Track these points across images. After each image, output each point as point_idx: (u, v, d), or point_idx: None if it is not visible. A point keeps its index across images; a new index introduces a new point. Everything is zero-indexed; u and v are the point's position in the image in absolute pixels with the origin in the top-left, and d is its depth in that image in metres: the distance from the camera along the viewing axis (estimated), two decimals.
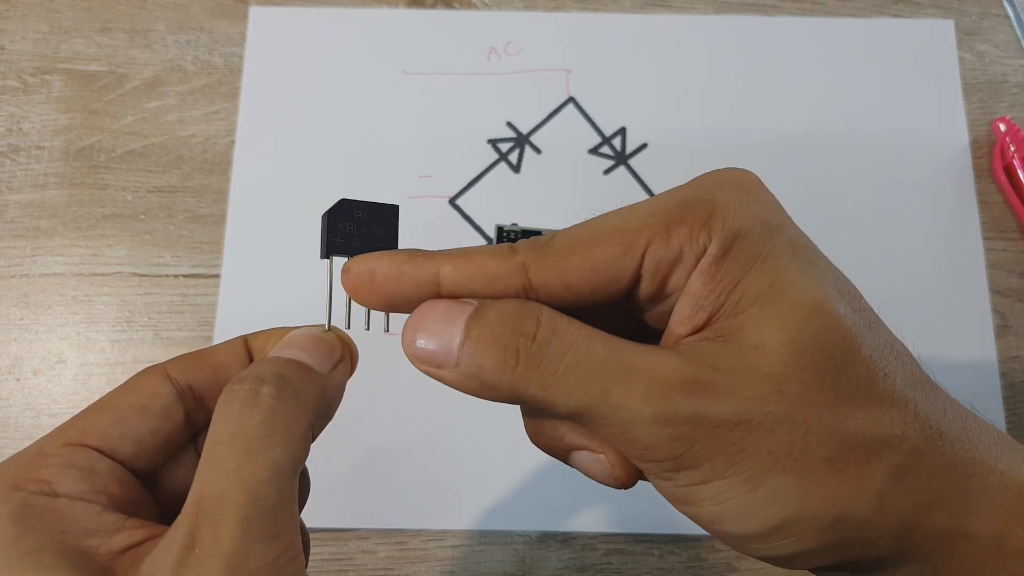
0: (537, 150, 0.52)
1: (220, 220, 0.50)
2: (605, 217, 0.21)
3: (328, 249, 0.23)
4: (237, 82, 0.53)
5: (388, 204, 0.24)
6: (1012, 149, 0.51)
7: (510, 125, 0.53)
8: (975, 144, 0.53)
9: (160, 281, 0.49)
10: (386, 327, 0.24)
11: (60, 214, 0.51)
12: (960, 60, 0.54)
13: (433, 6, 0.55)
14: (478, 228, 0.51)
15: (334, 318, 0.25)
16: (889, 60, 0.54)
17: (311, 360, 0.23)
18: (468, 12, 0.55)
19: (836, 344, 0.20)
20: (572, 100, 0.53)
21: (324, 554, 0.45)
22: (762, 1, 0.56)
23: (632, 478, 0.22)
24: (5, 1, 0.55)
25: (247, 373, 0.22)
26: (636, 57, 0.54)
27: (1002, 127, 0.51)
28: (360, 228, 0.24)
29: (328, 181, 0.51)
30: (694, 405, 0.19)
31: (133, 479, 0.23)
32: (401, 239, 0.24)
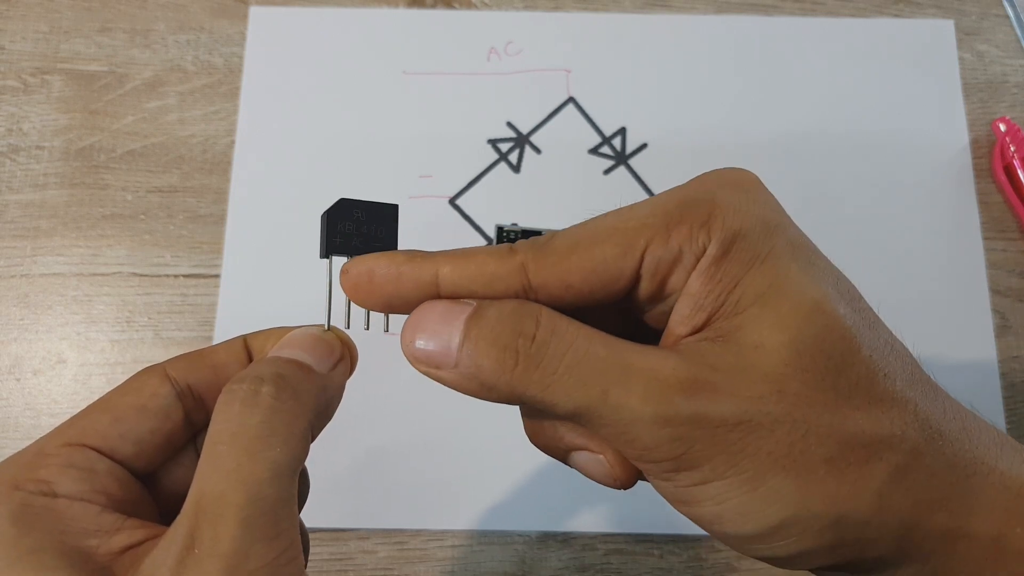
0: (537, 150, 0.52)
1: (220, 220, 0.50)
2: (604, 217, 0.21)
3: (327, 249, 0.23)
4: (237, 82, 0.53)
5: (388, 204, 0.24)
6: (1012, 149, 0.51)
7: (510, 125, 0.53)
8: (975, 144, 0.53)
9: (160, 281, 0.49)
10: (386, 327, 0.24)
11: (60, 214, 0.51)
12: (960, 60, 0.54)
13: (433, 6, 0.55)
14: (478, 228, 0.51)
15: (334, 318, 0.25)
16: (889, 60, 0.54)
17: (311, 360, 0.23)
18: (468, 12, 0.55)
19: (836, 344, 0.20)
20: (572, 100, 0.53)
21: (324, 554, 0.45)
22: (762, 1, 0.56)
23: (632, 478, 0.22)
24: (5, 1, 0.55)
25: (247, 373, 0.22)
26: (636, 57, 0.54)
27: (1002, 127, 0.51)
28: (360, 228, 0.24)
29: (328, 181, 0.51)
30: (694, 405, 0.19)
31: (133, 479, 0.23)
32: (401, 239, 0.24)
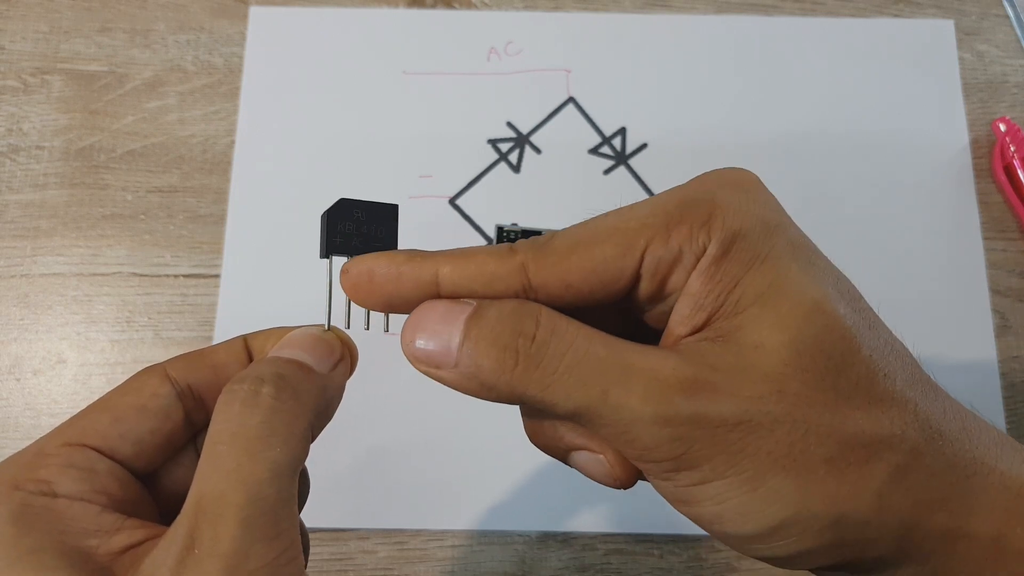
0: (537, 150, 0.52)
1: (220, 220, 0.50)
2: (604, 217, 0.21)
3: (328, 249, 0.23)
4: (237, 82, 0.53)
5: (388, 204, 0.24)
6: (1012, 149, 0.51)
7: (510, 125, 0.53)
8: (975, 144, 0.53)
9: (160, 281, 0.49)
10: (386, 327, 0.24)
11: (60, 214, 0.51)
12: (960, 60, 0.54)
13: (433, 6, 0.55)
14: (478, 228, 0.51)
15: (334, 318, 0.25)
16: (889, 60, 0.54)
17: (311, 360, 0.23)
18: (468, 12, 0.55)
19: (836, 344, 0.20)
20: (572, 100, 0.53)
21: (324, 554, 0.45)
22: (762, 1, 0.56)
23: (632, 478, 0.22)
24: (5, 1, 0.55)
25: (247, 373, 0.22)
26: (636, 57, 0.54)
27: (1002, 127, 0.51)
28: (360, 228, 0.24)
29: (328, 181, 0.51)
30: (694, 405, 0.19)
31: (133, 479, 0.23)
32: (401, 239, 0.24)
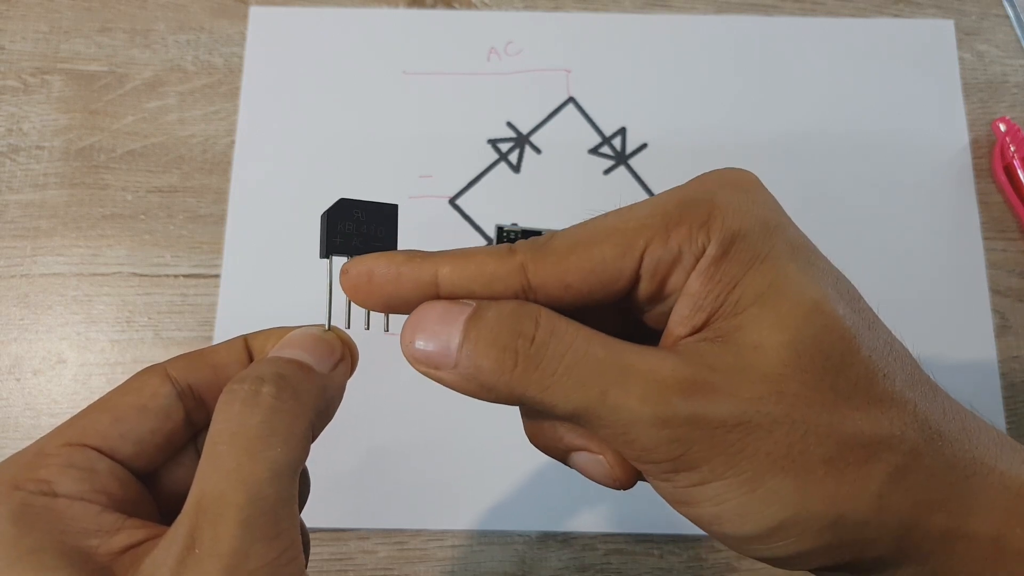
0: (537, 150, 0.52)
1: (220, 220, 0.50)
2: (604, 217, 0.21)
3: (327, 249, 0.23)
4: (237, 82, 0.53)
5: (387, 204, 0.24)
6: (1012, 149, 0.51)
7: (510, 125, 0.53)
8: (975, 144, 0.53)
9: (160, 281, 0.49)
10: (386, 327, 0.24)
11: (60, 214, 0.51)
12: (960, 60, 0.54)
13: (433, 6, 0.55)
14: (478, 228, 0.51)
15: (334, 318, 0.25)
16: (889, 60, 0.54)
17: (311, 360, 0.23)
18: (468, 12, 0.55)
19: (835, 344, 0.20)
20: (572, 100, 0.53)
21: (324, 554, 0.45)
22: (762, 1, 0.56)
23: (631, 479, 0.22)
24: (5, 1, 0.55)
25: (247, 373, 0.22)
26: (636, 57, 0.54)
27: (1002, 127, 0.51)
28: (359, 228, 0.24)
29: (328, 181, 0.51)
30: (692, 406, 0.19)
31: (133, 479, 0.23)
32: (401, 239, 0.24)
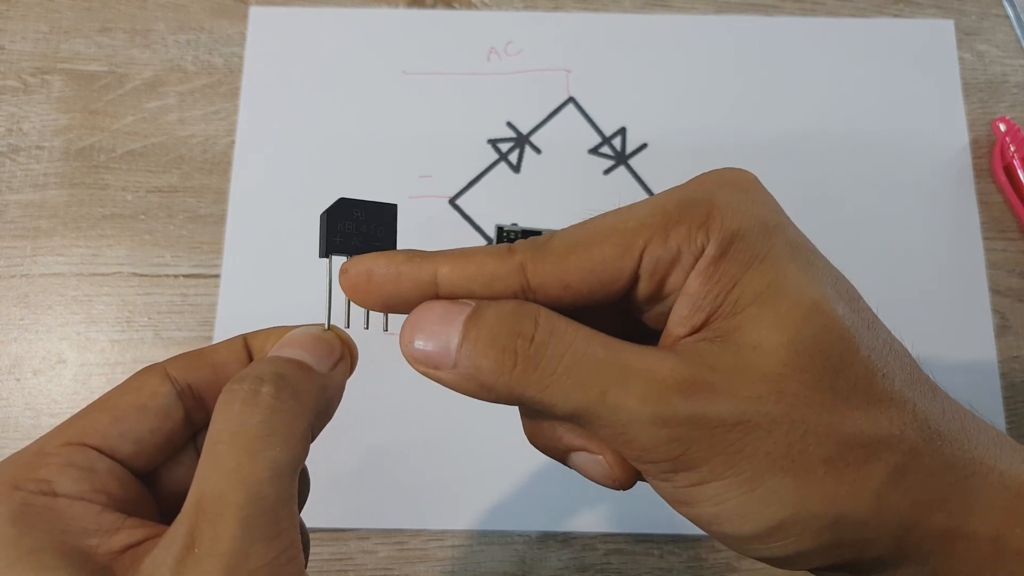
0: (537, 150, 0.52)
1: (220, 220, 0.50)
2: (603, 217, 0.21)
3: (327, 248, 0.23)
4: (237, 82, 0.53)
5: (387, 203, 0.24)
6: (1012, 149, 0.51)
7: (510, 125, 0.53)
8: (975, 144, 0.53)
9: (160, 281, 0.49)
10: (385, 326, 0.24)
11: (60, 214, 0.51)
12: (960, 60, 0.54)
13: (433, 6, 0.55)
14: (478, 228, 0.51)
15: (334, 317, 0.25)
16: (889, 60, 0.54)
17: (311, 359, 0.23)
18: (468, 12, 0.55)
19: (834, 344, 0.20)
20: (572, 100, 0.53)
21: (324, 554, 0.45)
22: (762, 1, 0.56)
23: (631, 479, 0.22)
24: (5, 1, 0.55)
25: (247, 372, 0.22)
26: (636, 57, 0.54)
27: (1002, 127, 0.51)
28: (359, 227, 0.24)
29: (328, 181, 0.51)
30: (692, 406, 0.19)
31: (133, 478, 0.23)
32: (401, 239, 0.24)
